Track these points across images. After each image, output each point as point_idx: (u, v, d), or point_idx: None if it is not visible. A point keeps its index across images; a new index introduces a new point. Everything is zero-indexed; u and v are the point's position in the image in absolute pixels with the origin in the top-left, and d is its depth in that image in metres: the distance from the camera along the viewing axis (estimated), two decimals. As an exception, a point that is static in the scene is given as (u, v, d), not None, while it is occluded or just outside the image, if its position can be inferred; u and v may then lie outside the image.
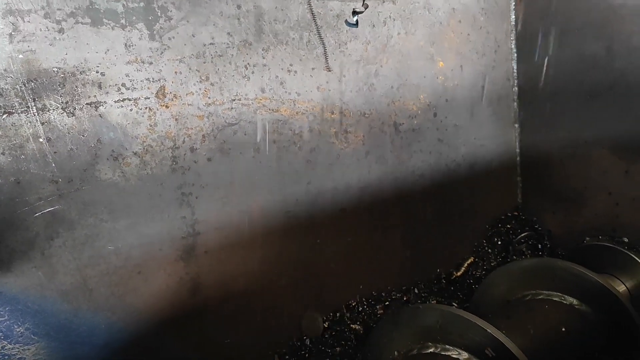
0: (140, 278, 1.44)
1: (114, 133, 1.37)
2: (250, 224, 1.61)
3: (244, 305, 1.63)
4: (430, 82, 1.94)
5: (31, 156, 1.27)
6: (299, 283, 1.73)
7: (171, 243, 1.48)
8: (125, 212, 1.40)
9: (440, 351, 1.50)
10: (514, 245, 2.13)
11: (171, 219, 1.47)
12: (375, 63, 1.80)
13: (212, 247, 1.55)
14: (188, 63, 1.46)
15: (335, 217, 1.78)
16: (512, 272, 1.88)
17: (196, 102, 1.48)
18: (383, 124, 1.85)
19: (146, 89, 1.41)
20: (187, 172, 1.49)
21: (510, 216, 2.23)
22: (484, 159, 2.14)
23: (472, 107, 2.07)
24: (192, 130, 1.48)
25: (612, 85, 1.87)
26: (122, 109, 1.38)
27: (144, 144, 1.41)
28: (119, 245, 1.40)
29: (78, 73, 1.31)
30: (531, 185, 2.24)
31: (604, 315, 1.70)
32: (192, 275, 1.52)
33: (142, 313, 1.45)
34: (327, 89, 1.71)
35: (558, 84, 2.03)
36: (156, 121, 1.43)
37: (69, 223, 1.33)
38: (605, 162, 1.95)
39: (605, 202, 1.98)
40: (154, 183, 1.44)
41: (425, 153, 1.97)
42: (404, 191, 1.94)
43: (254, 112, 1.58)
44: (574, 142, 2.03)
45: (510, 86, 2.16)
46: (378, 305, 1.85)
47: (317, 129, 1.71)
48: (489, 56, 2.08)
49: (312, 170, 1.71)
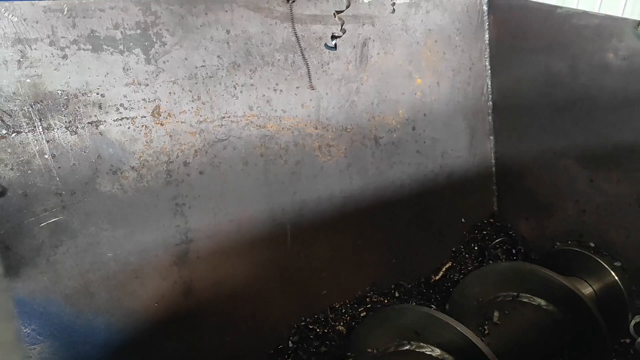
0: (137, 282, 1.56)
1: (113, 149, 1.49)
2: (239, 232, 1.73)
3: (234, 307, 1.75)
4: (408, 98, 2.07)
5: (37, 171, 1.39)
6: (285, 287, 1.85)
7: (166, 250, 1.60)
8: (124, 222, 1.53)
9: (415, 348, 1.63)
10: (489, 250, 2.26)
11: (166, 228, 1.59)
12: (356, 81, 1.94)
13: (203, 254, 1.67)
14: (181, 84, 1.58)
15: (320, 225, 1.91)
16: (485, 275, 2.01)
17: (189, 119, 1.61)
18: (364, 137, 1.98)
19: (143, 108, 1.53)
20: (180, 184, 1.61)
21: (486, 223, 2.36)
22: (461, 169, 2.27)
23: (449, 121, 2.21)
24: (185, 145, 1.61)
25: (576, 100, 2.00)
26: (121, 127, 1.50)
27: (140, 159, 1.54)
28: (118, 252, 1.52)
29: (80, 95, 1.44)
30: (506, 194, 2.37)
31: (569, 315, 1.83)
32: (185, 279, 1.64)
33: (138, 314, 1.57)
34: (311, 106, 1.84)
35: (528, 99, 2.17)
36: (152, 138, 1.55)
37: (72, 232, 1.45)
38: (572, 171, 2.08)
39: (572, 209, 2.11)
40: (150, 195, 1.56)
41: (404, 164, 2.10)
42: (385, 200, 2.07)
43: (243, 129, 1.71)
44: (543, 153, 2.17)
45: (485, 101, 2.30)
46: (360, 307, 1.98)
47: (302, 143, 1.84)
48: (464, 73, 2.22)
49: (298, 182, 1.84)
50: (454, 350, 1.58)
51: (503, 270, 1.98)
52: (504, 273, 1.96)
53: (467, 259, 2.26)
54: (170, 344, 1.64)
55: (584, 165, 2.04)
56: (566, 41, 2.00)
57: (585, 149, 2.02)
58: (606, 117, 1.93)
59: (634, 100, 1.83)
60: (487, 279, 1.99)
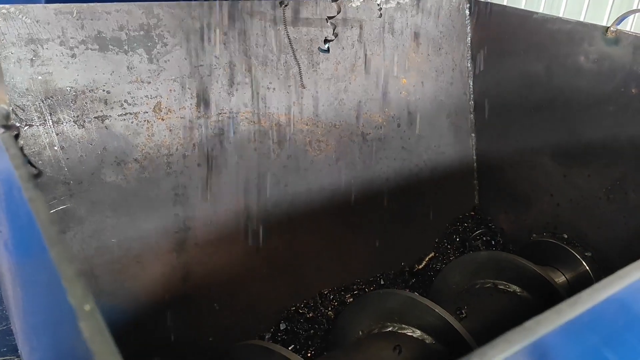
0: (139, 267, 1.67)
1: (117, 142, 1.60)
2: (234, 221, 1.85)
3: (230, 292, 1.86)
4: (394, 97, 2.20)
5: (47, 161, 1.50)
6: (277, 274, 1.97)
7: (165, 236, 1.71)
8: (127, 210, 1.64)
9: (397, 330, 1.75)
10: (470, 241, 2.39)
11: (166, 216, 1.71)
12: (345, 81, 2.06)
13: (201, 241, 1.78)
14: (181, 82, 1.69)
15: (310, 216, 2.03)
16: (465, 264, 2.13)
17: (188, 115, 1.72)
18: (352, 134, 2.10)
19: (145, 104, 1.64)
20: (179, 175, 1.72)
21: (467, 215, 2.49)
22: (444, 164, 2.40)
23: (433, 119, 2.33)
24: (184, 139, 1.72)
25: (551, 100, 2.13)
26: (125, 121, 1.61)
27: (142, 151, 1.65)
28: (121, 238, 1.63)
29: (87, 91, 1.54)
30: (486, 188, 2.51)
31: (542, 300, 1.96)
32: (184, 264, 1.75)
33: (140, 297, 1.68)
34: (302, 104, 1.96)
35: (507, 99, 2.30)
36: (153, 132, 1.66)
37: (78, 219, 1.56)
38: (548, 167, 2.21)
39: (548, 203, 2.24)
40: (151, 185, 1.67)
41: (390, 159, 2.22)
42: (371, 193, 2.19)
43: (238, 124, 1.82)
44: (521, 150, 2.30)
45: (467, 100, 2.43)
46: (347, 294, 2.10)
47: (293, 138, 1.95)
48: (447, 74, 2.34)
49: (289, 174, 1.96)
50: (433, 331, 1.70)
51: (482, 260, 2.10)
52: (482, 262, 2.09)
53: (449, 249, 2.39)
54: (170, 326, 1.75)
55: (559, 161, 2.17)
56: (542, 45, 2.13)
57: (560, 146, 2.16)
58: (579, 116, 2.07)
59: (603, 100, 1.96)
60: (467, 268, 2.12)
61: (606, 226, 2.06)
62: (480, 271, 2.08)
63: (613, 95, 1.94)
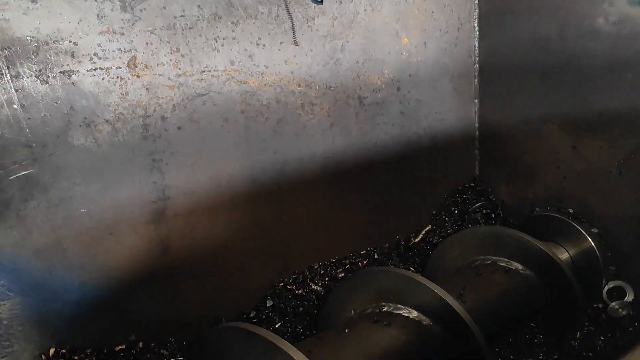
0: (113, 239, 1.52)
1: (86, 101, 1.43)
2: (218, 191, 1.69)
3: (213, 266, 1.73)
4: (394, 58, 2.02)
5: (5, 121, 1.32)
6: (265, 247, 1.83)
7: (142, 206, 1.56)
8: (98, 177, 1.48)
9: (392, 310, 1.63)
10: (469, 214, 2.26)
11: (142, 184, 1.55)
12: (342, 38, 1.88)
13: (181, 211, 1.63)
14: (159, 34, 1.51)
15: (301, 185, 1.88)
16: (464, 239, 2.01)
17: (167, 72, 1.54)
18: (348, 97, 1.93)
19: (118, 58, 1.46)
20: (157, 139, 1.56)
21: (467, 187, 2.35)
22: (445, 132, 2.25)
23: (435, 83, 2.17)
24: (162, 99, 1.55)
25: (563, 65, 1.98)
26: (95, 77, 1.43)
27: (115, 112, 1.48)
28: (92, 208, 1.48)
29: (51, 42, 1.36)
30: (488, 158, 2.37)
31: (545, 279, 1.86)
32: (162, 237, 1.61)
33: (114, 272, 1.54)
34: (295, 63, 1.79)
35: (515, 63, 2.14)
36: (127, 90, 1.49)
37: (43, 186, 1.39)
38: (555, 138, 2.07)
39: (554, 176, 2.11)
40: (126, 149, 1.51)
41: (388, 125, 2.07)
42: (367, 161, 2.04)
43: (223, 84, 1.65)
44: (527, 118, 2.15)
45: (472, 63, 2.26)
46: (339, 268, 1.97)
47: (284, 100, 1.79)
48: (452, 34, 2.17)
49: (279, 140, 1.80)
50: (431, 312, 1.59)
51: (482, 235, 1.98)
52: (482, 237, 1.97)
53: (447, 222, 2.26)
54: (147, 303, 1.61)
55: (568, 132, 2.03)
56: (556, 3, 1.95)
57: (570, 116, 2.01)
58: (592, 83, 1.92)
59: (622, 66, 1.81)
60: (466, 243, 2.00)
61: (616, 202, 1.94)
62: (480, 246, 1.97)
63: (632, 61, 1.78)
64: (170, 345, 1.63)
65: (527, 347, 1.94)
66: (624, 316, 1.89)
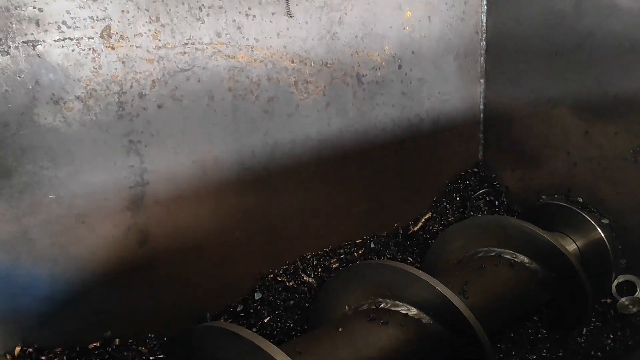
0: (85, 228, 1.39)
1: (54, 75, 1.28)
2: (203, 175, 1.56)
3: (196, 257, 1.60)
4: (396, 33, 1.87)
5: (-39, 97, 1.18)
6: (253, 236, 1.70)
7: (118, 192, 1.42)
8: (68, 159, 1.33)
9: (390, 307, 1.51)
10: (472, 201, 2.14)
11: (118, 168, 1.41)
12: (340, 10, 1.72)
13: (162, 198, 1.50)
14: (136, 1, 1.36)
15: (293, 169, 1.74)
16: (466, 229, 1.89)
17: (145, 44, 1.39)
18: (345, 74, 1.79)
19: (90, 28, 1.31)
20: (135, 119, 1.41)
21: (470, 172, 2.22)
22: (448, 115, 2.11)
23: (438, 61, 2.02)
24: (140, 74, 1.40)
25: (578, 44, 1.84)
26: (63, 49, 1.28)
27: (87, 87, 1.33)
28: (61, 194, 1.34)
29: (12, 8, 1.21)
30: (493, 142, 2.23)
31: (552, 273, 1.74)
32: (141, 226, 1.47)
33: (87, 263, 1.41)
34: (288, 36, 1.63)
35: (525, 40, 1.99)
36: (101, 63, 1.34)
37: (5, 170, 1.25)
38: (566, 121, 1.94)
39: (563, 162, 1.99)
40: (99, 129, 1.36)
41: (388, 106, 1.92)
42: (365, 145, 1.90)
43: (209, 58, 1.50)
44: (536, 100, 2.02)
45: (478, 40, 2.12)
46: (333, 258, 1.85)
47: (276, 77, 1.64)
48: (458, 8, 2.01)
49: (270, 121, 1.65)
50: (431, 309, 1.47)
51: (485, 224, 1.86)
52: (486, 227, 1.85)
53: (448, 209, 2.14)
54: (124, 296, 1.49)
55: (580, 115, 1.90)
56: (573, -24, 1.81)
57: (583, 98, 1.88)
58: (609, 64, 1.78)
59: (642, 46, 1.68)
60: (469, 233, 1.88)
61: (629, 192, 1.82)
62: (483, 237, 1.85)
63: (655, 40, 1.65)
64: (149, 342, 1.51)
65: (530, 342, 1.83)
66: (635, 313, 1.79)
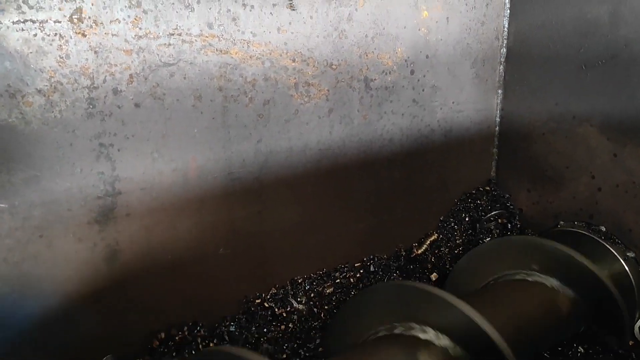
0: (43, 242, 1.19)
1: (10, 63, 1.08)
2: (185, 185, 1.36)
3: (172, 278, 1.41)
4: (410, 34, 1.68)
5: None
6: (239, 254, 1.51)
7: (83, 203, 1.22)
8: (25, 163, 1.14)
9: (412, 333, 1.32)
10: (482, 222, 1.95)
11: (84, 175, 1.21)
12: (349, 5, 1.53)
13: (136, 210, 1.30)
14: (114, -18, 1.16)
15: (288, 182, 1.55)
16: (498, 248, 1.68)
17: (123, 32, 1.20)
18: (352, 78, 1.60)
19: (57, 9, 1.12)
20: (107, 118, 1.22)
21: (481, 191, 2.04)
22: (461, 127, 1.92)
23: (454, 67, 1.84)
24: (116, 67, 1.20)
25: (612, 56, 1.65)
26: (23, 32, 1.09)
27: (51, 79, 1.13)
28: (15, 203, 1.14)
29: (-39, -20, 1.01)
30: (507, 159, 2.05)
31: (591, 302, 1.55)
32: (109, 241, 1.28)
33: (44, 283, 1.22)
34: (290, 32, 1.44)
35: (552, 49, 1.80)
36: (69, 52, 1.14)
37: (-54, 173, 1.06)
38: (593, 141, 1.76)
39: (586, 186, 1.80)
40: (64, 129, 1.17)
41: (397, 115, 1.74)
42: (369, 156, 1.71)
43: (198, 52, 1.31)
44: (560, 115, 1.83)
45: (499, 46, 1.93)
46: (327, 282, 1.66)
47: (274, 77, 1.45)
48: (479, 10, 1.82)
49: (265, 127, 1.46)
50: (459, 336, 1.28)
51: (517, 245, 1.65)
52: (517, 248, 1.64)
53: (456, 230, 1.95)
54: (88, 321, 1.29)
55: (609, 135, 1.72)
56: (610, -20, 1.62)
57: (614, 116, 1.69)
58: (646, 79, 1.60)
59: (687, 62, 1.49)
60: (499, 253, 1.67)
61: (660, 223, 1.64)
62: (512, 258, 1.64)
63: (701, 55, 1.47)
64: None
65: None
66: (661, 358, 1.61)
